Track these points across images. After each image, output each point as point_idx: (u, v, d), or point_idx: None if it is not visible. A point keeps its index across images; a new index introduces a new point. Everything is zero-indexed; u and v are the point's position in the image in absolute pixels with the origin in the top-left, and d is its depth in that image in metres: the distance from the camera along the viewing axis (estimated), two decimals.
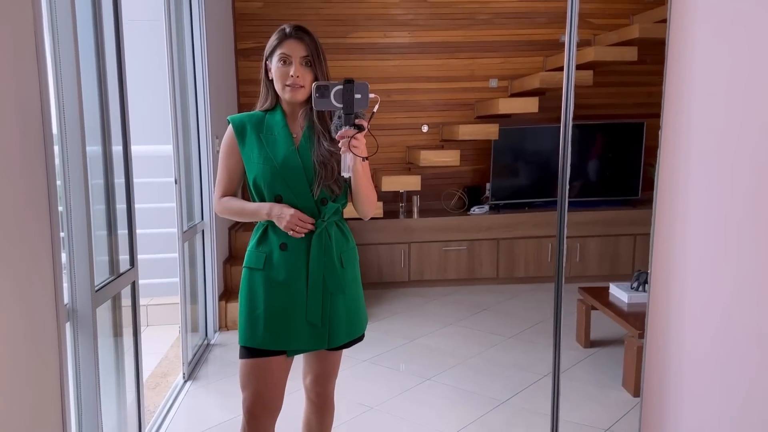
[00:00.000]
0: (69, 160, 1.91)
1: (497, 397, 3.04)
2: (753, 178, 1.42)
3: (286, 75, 1.73)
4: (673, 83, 1.73)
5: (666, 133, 1.77)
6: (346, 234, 1.87)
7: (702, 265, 1.61)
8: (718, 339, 1.55)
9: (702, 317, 1.61)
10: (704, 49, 1.61)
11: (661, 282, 1.80)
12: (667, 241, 1.78)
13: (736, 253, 1.47)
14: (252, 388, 1.78)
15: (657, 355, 1.81)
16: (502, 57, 5.29)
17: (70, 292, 1.93)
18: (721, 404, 1.53)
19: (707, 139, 1.60)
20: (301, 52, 1.73)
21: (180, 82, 3.36)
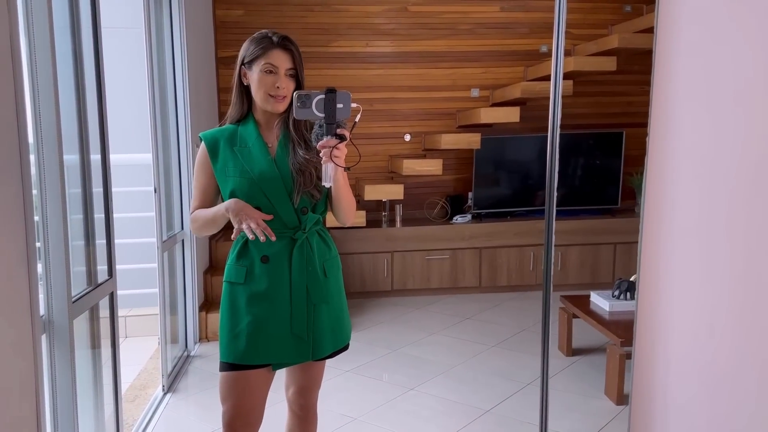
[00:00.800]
0: (45, 169, 1.87)
1: (481, 406, 3.02)
2: (740, 186, 1.44)
3: (271, 85, 1.70)
4: (660, 91, 1.75)
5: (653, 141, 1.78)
6: (328, 243, 1.85)
7: (689, 272, 1.62)
8: (705, 347, 1.56)
9: (690, 325, 1.62)
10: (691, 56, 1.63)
11: (649, 290, 1.81)
12: (655, 249, 1.79)
13: (724, 260, 1.48)
14: (232, 401, 1.74)
15: (645, 362, 1.81)
16: (483, 67, 5.33)
17: (46, 303, 1.89)
18: (708, 412, 1.53)
19: (694, 147, 1.61)
20: (287, 64, 1.71)
21: (160, 91, 3.33)
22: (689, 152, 1.62)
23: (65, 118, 1.99)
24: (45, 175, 1.88)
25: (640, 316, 1.86)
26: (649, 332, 1.79)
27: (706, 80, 1.55)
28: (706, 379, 1.53)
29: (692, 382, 1.59)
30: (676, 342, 1.66)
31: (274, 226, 1.72)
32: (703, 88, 1.57)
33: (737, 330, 1.43)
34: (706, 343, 1.54)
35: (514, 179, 5.22)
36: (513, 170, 5.20)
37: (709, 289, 1.53)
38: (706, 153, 1.55)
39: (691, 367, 1.60)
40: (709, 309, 1.53)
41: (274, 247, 1.74)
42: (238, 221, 1.67)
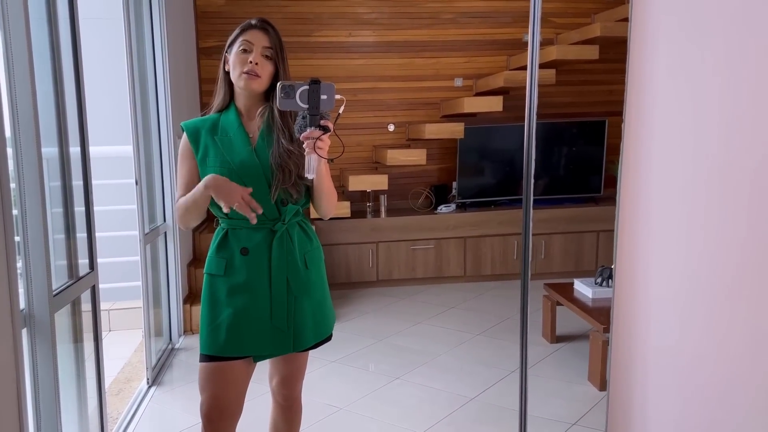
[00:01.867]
0: (23, 163, 1.85)
1: (465, 394, 3.05)
2: (715, 174, 1.46)
3: (245, 61, 1.68)
4: (635, 79, 1.76)
5: (629, 129, 1.80)
6: (310, 234, 1.84)
7: (665, 259, 1.64)
8: (682, 331, 1.58)
9: (666, 310, 1.65)
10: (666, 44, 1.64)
11: (626, 276, 1.83)
12: (631, 236, 1.81)
13: (699, 246, 1.51)
14: (210, 391, 1.74)
15: (622, 348, 1.84)
16: (466, 56, 5.33)
17: (26, 297, 1.87)
18: (686, 396, 1.56)
19: (669, 135, 1.63)
20: (263, 42, 1.70)
21: (140, 81, 3.29)
22: (664, 139, 1.63)
23: (43, 110, 1.96)
24: (23, 168, 1.85)
25: (617, 302, 1.88)
26: (626, 318, 1.82)
27: (682, 67, 1.57)
28: (683, 365, 1.56)
29: (669, 367, 1.62)
30: (653, 327, 1.69)
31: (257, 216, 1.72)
32: (678, 76, 1.59)
33: (713, 316, 1.45)
34: (682, 329, 1.57)
35: (497, 168, 5.24)
36: (496, 159, 5.22)
37: (685, 275, 1.55)
38: (681, 140, 1.57)
39: (667, 353, 1.63)
40: (684, 295, 1.56)
41: (253, 239, 1.73)
42: (222, 201, 1.61)
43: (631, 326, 1.79)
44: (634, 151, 1.78)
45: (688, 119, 1.55)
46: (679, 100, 1.59)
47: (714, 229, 1.45)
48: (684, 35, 1.57)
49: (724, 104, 1.43)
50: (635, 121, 1.77)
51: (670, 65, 1.62)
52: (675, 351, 1.60)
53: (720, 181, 1.43)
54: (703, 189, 1.49)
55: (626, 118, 1.81)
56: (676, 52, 1.59)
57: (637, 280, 1.77)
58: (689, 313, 1.55)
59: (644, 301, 1.74)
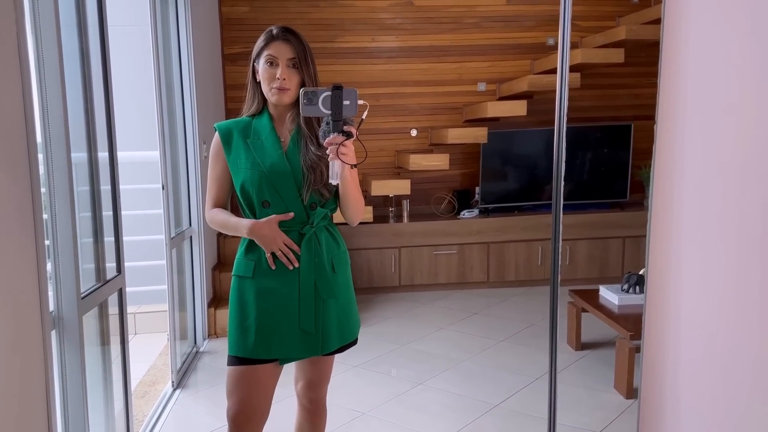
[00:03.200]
0: (54, 168, 1.89)
1: (489, 401, 3.02)
2: (752, 177, 1.42)
3: (273, 77, 1.71)
4: (668, 82, 1.73)
5: (661, 132, 1.77)
6: (337, 238, 1.85)
7: (698, 266, 1.61)
8: (715, 340, 1.55)
9: (699, 318, 1.61)
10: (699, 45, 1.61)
11: (658, 284, 1.80)
12: (663, 242, 1.78)
13: (732, 253, 1.47)
14: (238, 396, 1.74)
15: (654, 357, 1.80)
16: (489, 60, 5.31)
17: (55, 299, 1.90)
18: (720, 406, 1.53)
19: (703, 138, 1.60)
20: (287, 54, 1.71)
21: (167, 88, 3.34)
22: (698, 144, 1.60)
23: (73, 116, 2.00)
24: (53, 173, 1.89)
25: (648, 309, 1.85)
26: (658, 326, 1.78)
27: (715, 70, 1.54)
28: (717, 373, 1.53)
29: (702, 375, 1.58)
30: (685, 335, 1.66)
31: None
32: (711, 79, 1.56)
33: (748, 323, 1.42)
34: (716, 337, 1.53)
35: (521, 173, 5.20)
36: (520, 164, 5.18)
37: (719, 281, 1.52)
38: (715, 144, 1.54)
39: (701, 361, 1.59)
40: (718, 302, 1.52)
41: None
42: (264, 247, 1.71)
43: (663, 334, 1.76)
44: (666, 155, 1.75)
45: (723, 123, 1.52)
46: (713, 102, 1.56)
47: (748, 237, 1.42)
48: (718, 36, 1.54)
49: (761, 108, 1.40)
50: (668, 125, 1.74)
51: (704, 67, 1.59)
52: (710, 358, 1.57)
53: (756, 188, 1.40)
54: (737, 195, 1.46)
55: (659, 122, 1.78)
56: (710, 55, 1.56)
57: (668, 287, 1.74)
58: (722, 322, 1.51)
59: (675, 310, 1.70)
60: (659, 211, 1.78)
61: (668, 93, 1.73)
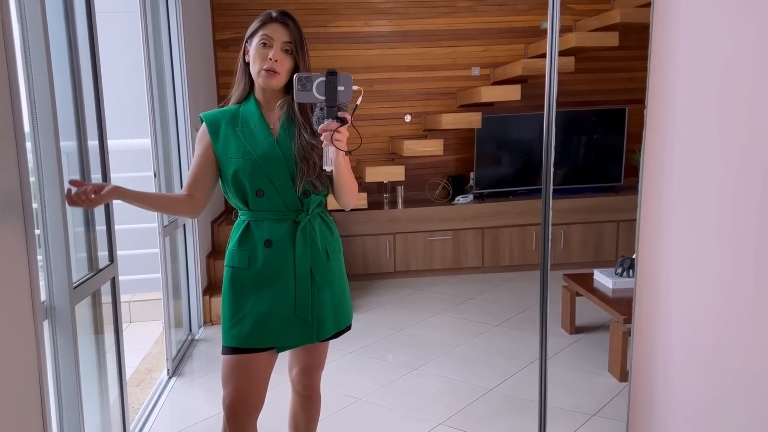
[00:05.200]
0: (42, 157, 1.87)
1: (484, 385, 3.04)
2: (743, 160, 1.42)
3: (264, 57, 1.67)
4: (658, 65, 1.72)
5: (651, 116, 1.76)
6: (330, 225, 1.84)
7: (688, 249, 1.61)
8: (705, 322, 1.56)
9: (689, 301, 1.62)
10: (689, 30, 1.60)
11: (648, 267, 1.80)
12: (653, 225, 1.78)
13: (723, 236, 1.48)
14: (233, 384, 1.74)
15: (644, 339, 1.81)
16: (483, 45, 5.27)
17: (47, 289, 1.89)
18: (709, 386, 1.54)
19: (694, 122, 1.59)
20: (283, 37, 1.68)
21: (157, 74, 3.31)
22: (688, 127, 1.60)
23: (61, 104, 1.98)
24: (42, 162, 1.87)
25: (639, 292, 1.86)
26: (649, 309, 1.79)
27: (705, 53, 1.53)
28: (705, 356, 1.53)
29: (693, 357, 1.59)
30: (675, 318, 1.66)
31: (278, 209, 1.72)
32: (702, 62, 1.55)
33: (737, 307, 1.42)
34: (704, 320, 1.54)
35: (515, 158, 5.19)
36: (514, 149, 5.17)
37: (708, 265, 1.52)
38: (706, 128, 1.53)
39: (691, 343, 1.60)
40: (709, 285, 1.53)
41: (277, 230, 1.73)
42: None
43: (653, 317, 1.77)
44: (656, 138, 1.74)
45: (713, 106, 1.51)
46: (703, 86, 1.55)
47: (741, 217, 1.42)
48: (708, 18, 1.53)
49: (751, 90, 1.39)
50: (658, 109, 1.73)
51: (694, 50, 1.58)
52: (697, 342, 1.57)
53: (746, 170, 1.40)
54: (728, 178, 1.46)
55: (648, 105, 1.78)
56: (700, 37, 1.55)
57: (659, 270, 1.74)
58: (712, 304, 1.52)
59: (666, 292, 1.71)
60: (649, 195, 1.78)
61: (658, 75, 1.72)
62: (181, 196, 1.76)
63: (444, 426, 2.66)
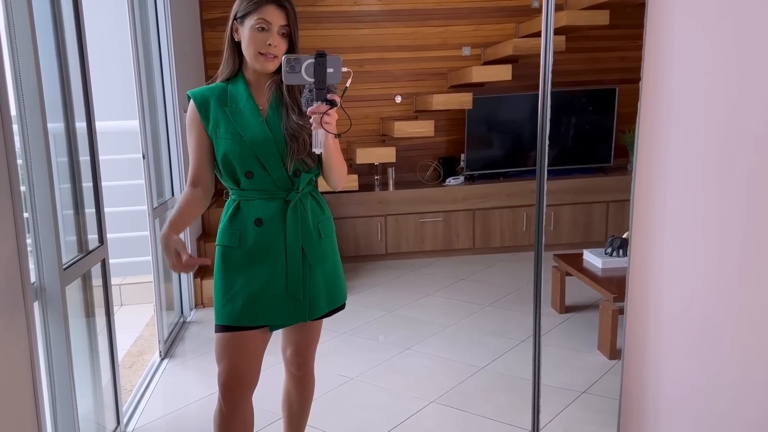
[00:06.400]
0: (30, 139, 1.84)
1: (476, 363, 3.07)
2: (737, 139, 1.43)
3: (262, 42, 1.65)
4: (653, 43, 1.72)
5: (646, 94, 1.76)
6: (321, 204, 1.84)
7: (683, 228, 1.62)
8: (696, 300, 1.57)
9: (682, 279, 1.63)
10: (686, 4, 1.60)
11: (641, 245, 1.82)
12: (647, 204, 1.78)
13: (718, 215, 1.49)
14: (228, 361, 1.75)
15: (637, 316, 1.83)
16: (474, 24, 5.24)
17: (37, 270, 1.88)
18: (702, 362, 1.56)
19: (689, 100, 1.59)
20: (281, 21, 1.66)
21: (144, 55, 3.26)
22: (683, 105, 1.60)
23: (48, 86, 1.95)
24: (29, 145, 1.85)
25: (632, 271, 1.87)
26: (642, 287, 1.80)
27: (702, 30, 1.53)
28: (699, 332, 1.55)
29: (685, 334, 1.61)
30: (668, 295, 1.68)
31: (268, 188, 1.71)
32: (698, 40, 1.54)
33: (729, 285, 1.44)
34: (696, 298, 1.55)
35: (506, 139, 5.19)
36: (505, 130, 5.17)
37: (702, 243, 1.53)
38: (700, 105, 1.53)
39: (683, 321, 1.62)
40: (700, 264, 1.54)
41: (267, 209, 1.73)
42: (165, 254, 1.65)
43: (646, 295, 1.78)
44: (651, 117, 1.74)
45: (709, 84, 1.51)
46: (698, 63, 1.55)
47: (735, 196, 1.42)
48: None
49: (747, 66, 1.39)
50: (653, 87, 1.73)
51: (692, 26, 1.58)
52: (692, 318, 1.59)
53: (741, 145, 1.40)
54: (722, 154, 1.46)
55: (643, 83, 1.77)
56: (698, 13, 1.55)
57: (652, 248, 1.76)
58: (704, 283, 1.53)
59: (659, 270, 1.72)
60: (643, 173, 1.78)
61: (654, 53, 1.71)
62: (198, 197, 1.75)
63: (436, 404, 2.69)
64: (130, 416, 2.65)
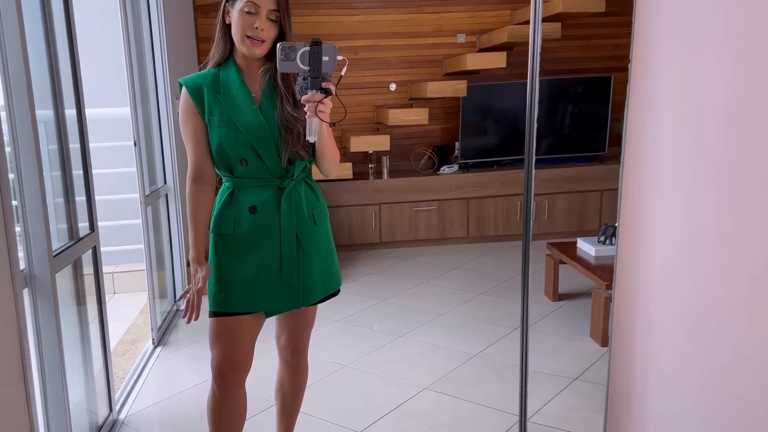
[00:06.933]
0: (17, 126, 1.83)
1: (468, 351, 3.08)
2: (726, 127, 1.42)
3: (250, 25, 1.63)
4: (643, 31, 1.71)
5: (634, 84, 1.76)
6: (316, 191, 1.83)
7: (671, 216, 1.62)
8: (685, 286, 1.58)
9: (670, 267, 1.64)
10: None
11: (629, 234, 1.82)
12: (635, 193, 1.78)
13: (706, 205, 1.49)
14: (221, 345, 1.75)
15: (625, 305, 1.84)
16: (469, 11, 5.21)
17: (26, 257, 1.87)
18: (689, 350, 1.57)
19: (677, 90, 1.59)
20: (270, 5, 1.64)
21: (136, 41, 3.23)
22: (671, 93, 1.59)
23: (36, 72, 1.92)
24: (17, 132, 1.83)
25: (620, 259, 1.87)
26: (630, 275, 1.81)
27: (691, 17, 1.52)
28: (686, 320, 1.56)
29: (672, 322, 1.61)
30: (656, 284, 1.68)
31: (262, 176, 1.71)
32: (686, 27, 1.54)
33: (718, 273, 1.44)
34: (685, 283, 1.56)
35: (501, 128, 5.17)
36: (500, 118, 5.15)
37: (689, 233, 1.53)
38: (689, 94, 1.53)
39: (671, 309, 1.62)
40: (690, 251, 1.54)
41: (262, 196, 1.72)
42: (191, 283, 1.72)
43: (634, 283, 1.79)
44: (640, 106, 1.74)
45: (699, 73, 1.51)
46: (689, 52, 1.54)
47: (724, 184, 1.42)
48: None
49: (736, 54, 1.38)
50: (641, 75, 1.72)
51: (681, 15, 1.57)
52: (680, 306, 1.60)
53: (730, 133, 1.40)
54: (711, 145, 1.46)
55: (632, 72, 1.77)
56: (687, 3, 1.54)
57: (640, 237, 1.76)
58: (692, 270, 1.54)
59: (646, 258, 1.73)
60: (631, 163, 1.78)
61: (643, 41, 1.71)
62: (206, 195, 1.75)
63: (429, 391, 2.70)
64: (123, 403, 2.65)
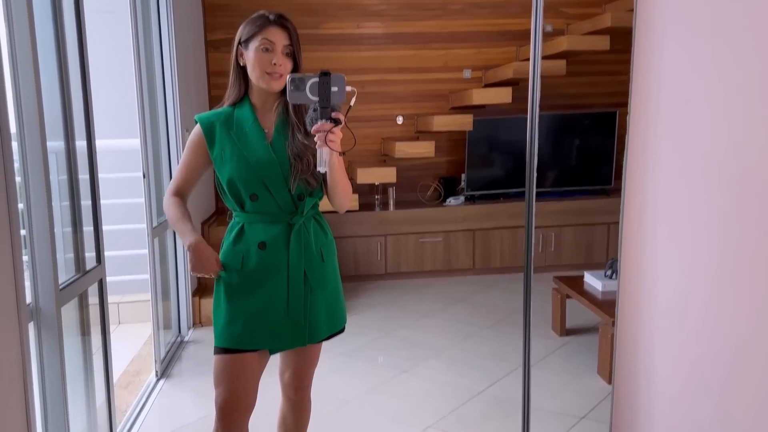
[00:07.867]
0: (28, 157, 1.85)
1: (473, 387, 3.04)
2: (724, 164, 1.43)
3: (268, 62, 1.68)
4: (641, 70, 1.73)
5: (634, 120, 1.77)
6: (324, 227, 1.84)
7: (671, 252, 1.61)
8: (688, 325, 1.56)
9: (672, 304, 1.62)
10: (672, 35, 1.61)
11: (631, 270, 1.81)
12: (637, 228, 1.78)
13: (706, 240, 1.48)
14: (225, 384, 1.74)
15: (628, 342, 1.82)
16: (475, 47, 5.28)
17: (32, 290, 1.88)
18: (691, 389, 1.54)
19: (676, 126, 1.60)
20: (284, 41, 1.69)
21: (147, 74, 3.29)
22: (671, 130, 1.60)
23: (48, 103, 1.96)
24: (28, 162, 1.85)
25: (622, 296, 1.86)
26: (632, 312, 1.79)
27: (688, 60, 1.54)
28: (689, 357, 1.54)
29: (675, 359, 1.59)
30: (658, 321, 1.67)
31: (272, 211, 1.72)
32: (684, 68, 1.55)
33: (718, 307, 1.43)
34: (688, 321, 1.54)
35: (506, 160, 5.20)
36: (506, 151, 5.18)
37: (691, 269, 1.53)
38: (687, 131, 1.54)
39: (673, 345, 1.60)
40: (691, 286, 1.53)
41: (271, 232, 1.73)
42: (191, 267, 1.70)
43: (637, 319, 1.77)
44: (639, 142, 1.75)
45: (695, 110, 1.52)
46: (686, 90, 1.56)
47: (722, 221, 1.42)
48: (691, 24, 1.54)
49: (731, 95, 1.40)
50: (641, 112, 1.74)
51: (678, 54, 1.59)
52: (682, 342, 1.58)
53: (727, 170, 1.40)
54: (710, 180, 1.46)
55: (631, 109, 1.78)
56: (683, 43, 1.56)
57: (643, 272, 1.75)
58: (694, 308, 1.52)
59: (649, 295, 1.71)
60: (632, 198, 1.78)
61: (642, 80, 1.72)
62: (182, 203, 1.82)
63: (433, 429, 2.66)
64: None
